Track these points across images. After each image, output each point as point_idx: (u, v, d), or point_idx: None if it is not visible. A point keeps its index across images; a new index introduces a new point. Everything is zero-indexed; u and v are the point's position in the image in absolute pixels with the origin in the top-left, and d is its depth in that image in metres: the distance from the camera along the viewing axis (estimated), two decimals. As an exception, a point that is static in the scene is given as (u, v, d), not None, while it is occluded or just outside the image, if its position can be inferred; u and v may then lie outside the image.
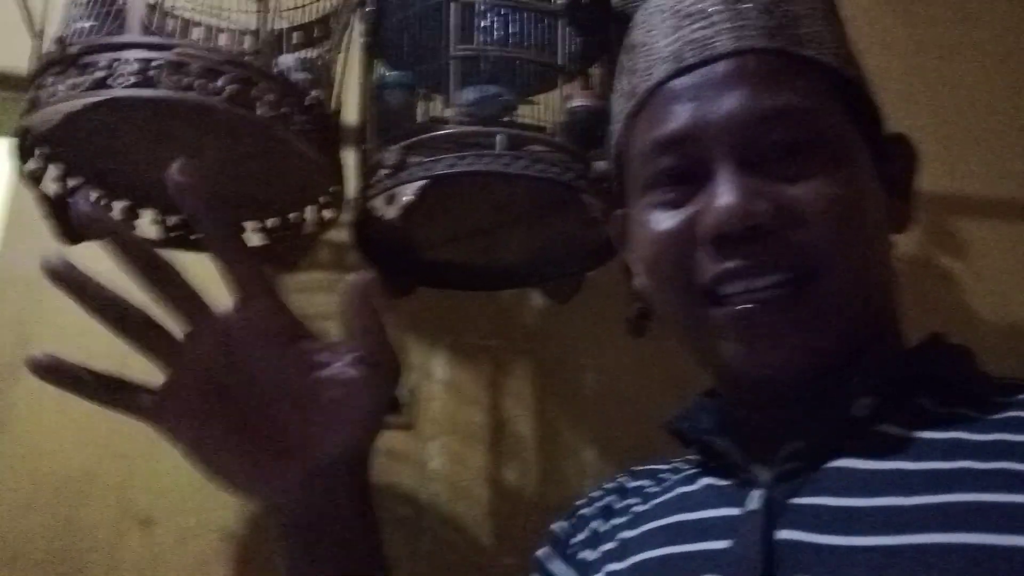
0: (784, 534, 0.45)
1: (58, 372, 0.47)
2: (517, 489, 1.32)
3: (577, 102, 1.07)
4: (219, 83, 0.87)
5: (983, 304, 1.45)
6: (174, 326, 0.48)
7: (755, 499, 0.48)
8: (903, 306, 0.55)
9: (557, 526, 0.65)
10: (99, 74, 0.85)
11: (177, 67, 0.86)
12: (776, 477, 0.48)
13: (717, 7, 0.52)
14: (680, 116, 0.51)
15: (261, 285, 0.48)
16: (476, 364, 1.36)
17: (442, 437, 1.31)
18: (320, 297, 1.36)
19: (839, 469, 0.46)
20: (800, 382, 0.49)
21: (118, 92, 0.84)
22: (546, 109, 1.09)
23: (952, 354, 0.51)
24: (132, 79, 0.84)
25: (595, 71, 1.14)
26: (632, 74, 0.56)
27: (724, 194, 0.48)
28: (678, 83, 0.52)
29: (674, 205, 0.51)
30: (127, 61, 0.85)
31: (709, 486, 0.54)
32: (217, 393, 0.47)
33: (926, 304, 1.39)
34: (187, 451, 0.50)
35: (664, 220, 0.52)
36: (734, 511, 0.49)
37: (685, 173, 0.51)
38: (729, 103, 0.49)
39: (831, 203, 0.48)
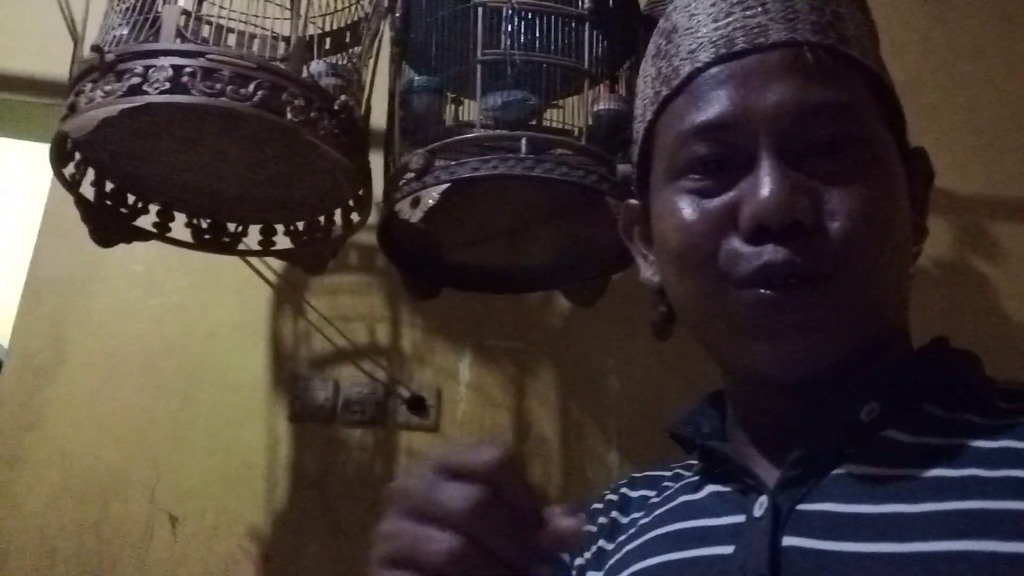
0: (790, 541, 0.44)
1: None
2: (541, 486, 1.32)
3: (602, 105, 1.07)
4: (249, 88, 0.89)
5: (1016, 307, 1.43)
6: None
7: (760, 505, 0.47)
8: (935, 308, 0.54)
9: None
10: (134, 80, 0.87)
11: (209, 73, 0.88)
12: (781, 483, 0.47)
13: None
14: (726, 101, 0.49)
15: None
16: (500, 366, 1.37)
17: (466, 439, 1.32)
18: (347, 299, 1.38)
19: (845, 475, 0.46)
20: (820, 380, 0.48)
21: (152, 98, 0.86)
22: (572, 113, 1.09)
23: (957, 360, 0.51)
24: (166, 85, 0.86)
25: (622, 74, 1.15)
26: (670, 57, 0.53)
27: (769, 185, 0.47)
28: (726, 68, 0.50)
29: (707, 194, 0.50)
30: (161, 68, 0.87)
31: (712, 493, 0.53)
32: None
33: (958, 306, 1.38)
34: None
35: (696, 207, 0.50)
36: (739, 518, 0.48)
37: (723, 161, 0.50)
38: (779, 92, 0.48)
39: (867, 206, 0.47)
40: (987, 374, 0.50)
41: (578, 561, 0.59)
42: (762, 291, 0.47)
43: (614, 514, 0.60)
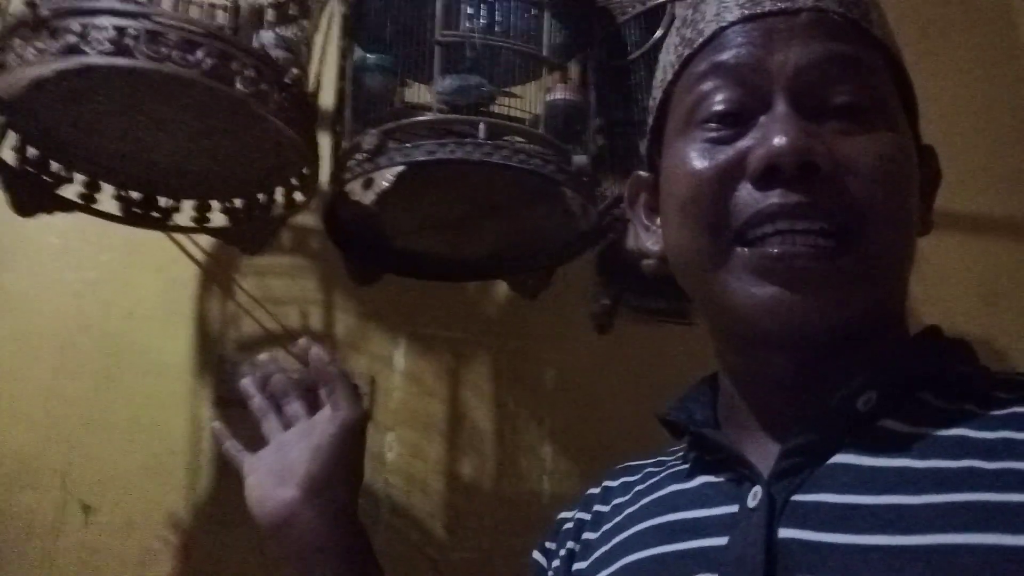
0: (786, 532, 0.43)
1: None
2: (474, 483, 1.31)
3: (557, 95, 1.06)
4: (198, 55, 0.84)
5: (933, 314, 1.49)
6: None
7: (755, 496, 0.46)
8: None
9: (539, 553, 0.62)
10: (71, 39, 0.81)
11: (154, 36, 0.83)
12: (776, 473, 0.46)
13: None
14: (746, 49, 0.49)
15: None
16: (437, 355, 1.35)
17: (400, 428, 1.29)
18: (278, 281, 1.33)
19: (841, 465, 0.45)
20: (822, 344, 0.47)
21: (92, 59, 0.80)
22: (525, 102, 1.08)
23: (952, 349, 0.51)
24: (107, 46, 0.81)
25: (574, 66, 1.14)
26: (695, 23, 0.53)
27: (782, 128, 0.46)
28: (751, 24, 0.50)
29: (720, 142, 0.49)
30: (102, 27, 0.81)
31: (704, 483, 0.52)
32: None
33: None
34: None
35: (707, 156, 0.49)
36: (732, 508, 0.47)
37: (739, 111, 0.49)
38: (802, 46, 0.48)
39: (884, 161, 0.47)
40: (982, 363, 0.50)
41: (555, 562, 0.58)
42: (770, 250, 0.46)
43: (596, 507, 0.59)
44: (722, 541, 0.46)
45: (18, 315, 1.21)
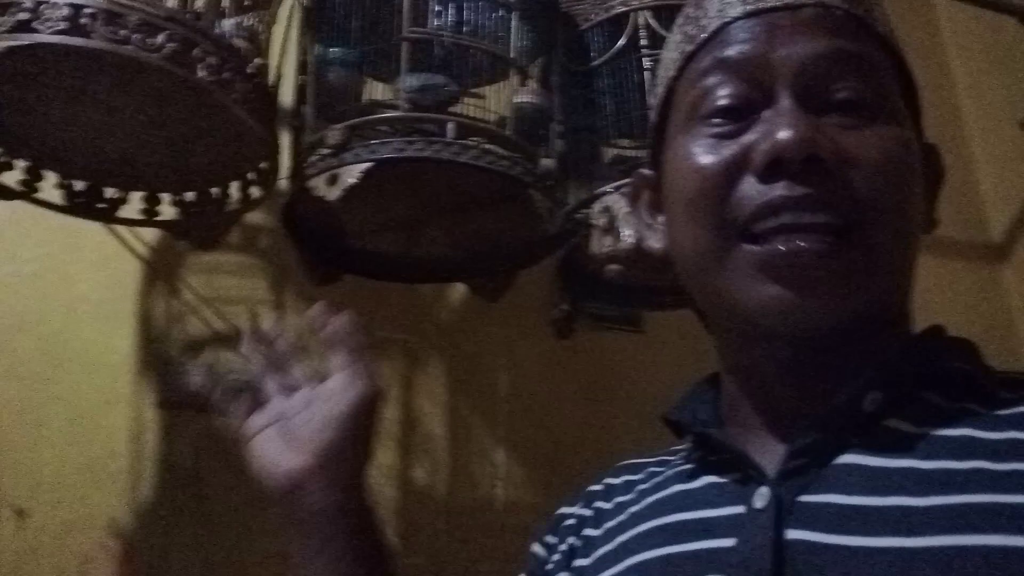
0: (794, 534, 0.42)
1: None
2: (426, 488, 1.29)
3: (523, 98, 1.06)
4: (159, 39, 0.81)
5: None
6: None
7: (761, 497, 0.45)
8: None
9: (538, 546, 0.60)
10: (22, 16, 0.77)
11: (113, 17, 0.79)
12: (782, 473, 0.45)
13: None
14: (750, 44, 0.49)
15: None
16: (389, 358, 1.32)
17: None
18: (226, 280, 1.29)
19: (848, 466, 0.44)
20: (827, 340, 0.46)
21: (44, 37, 0.76)
22: (491, 103, 1.07)
23: (957, 348, 0.50)
24: (61, 24, 0.77)
25: (534, 69, 1.14)
26: (698, 19, 0.53)
27: (787, 122, 0.46)
28: (755, 19, 0.50)
29: (724, 137, 0.49)
30: (56, 4, 0.77)
31: (709, 483, 0.50)
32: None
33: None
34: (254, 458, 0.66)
35: (711, 151, 0.49)
36: (739, 509, 0.46)
37: (742, 106, 0.49)
38: (803, 41, 0.48)
39: (888, 155, 0.47)
40: (986, 363, 0.50)
41: (555, 556, 0.57)
42: (775, 247, 0.46)
43: (598, 503, 0.58)
44: (730, 542, 0.45)
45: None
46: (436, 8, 0.98)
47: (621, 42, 1.13)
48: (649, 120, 0.59)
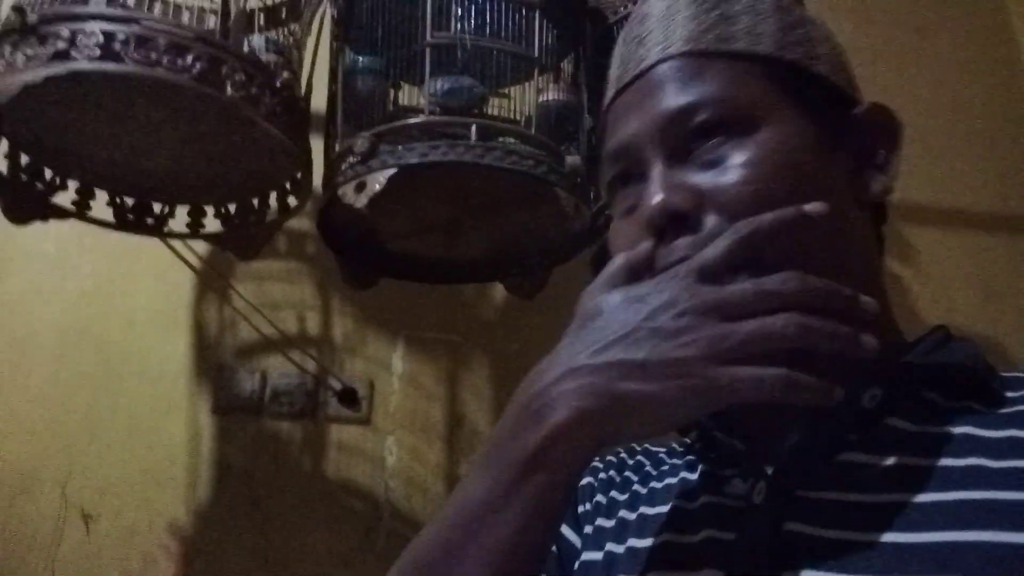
0: (792, 526, 0.43)
1: None
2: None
3: (549, 95, 1.06)
4: (187, 60, 0.84)
5: (929, 309, 1.49)
6: None
7: (760, 492, 0.46)
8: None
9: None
10: (60, 45, 0.81)
11: (143, 41, 0.83)
12: (781, 469, 0.46)
13: (652, 27, 0.55)
14: (620, 129, 0.54)
15: None
16: (435, 358, 1.35)
17: (399, 432, 1.29)
18: (275, 287, 1.33)
19: (847, 463, 0.45)
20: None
21: (81, 65, 0.80)
22: (517, 103, 1.08)
23: (959, 347, 0.50)
24: (96, 52, 0.81)
25: (565, 67, 1.14)
26: (604, 94, 0.60)
27: (650, 193, 0.50)
28: (619, 101, 0.55)
29: (627, 212, 0.54)
30: (90, 33, 0.82)
31: (711, 475, 0.52)
32: None
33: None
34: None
35: (621, 229, 0.54)
36: (739, 503, 0.47)
37: (633, 180, 0.54)
38: (652, 108, 0.52)
39: (755, 166, 0.49)
40: (988, 363, 0.49)
41: (581, 509, 0.58)
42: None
43: (611, 472, 0.60)
44: (729, 535, 0.46)
45: (15, 324, 1.21)
46: (458, 12, 0.99)
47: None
48: None
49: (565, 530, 0.58)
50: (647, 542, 0.50)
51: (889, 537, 0.40)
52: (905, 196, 1.55)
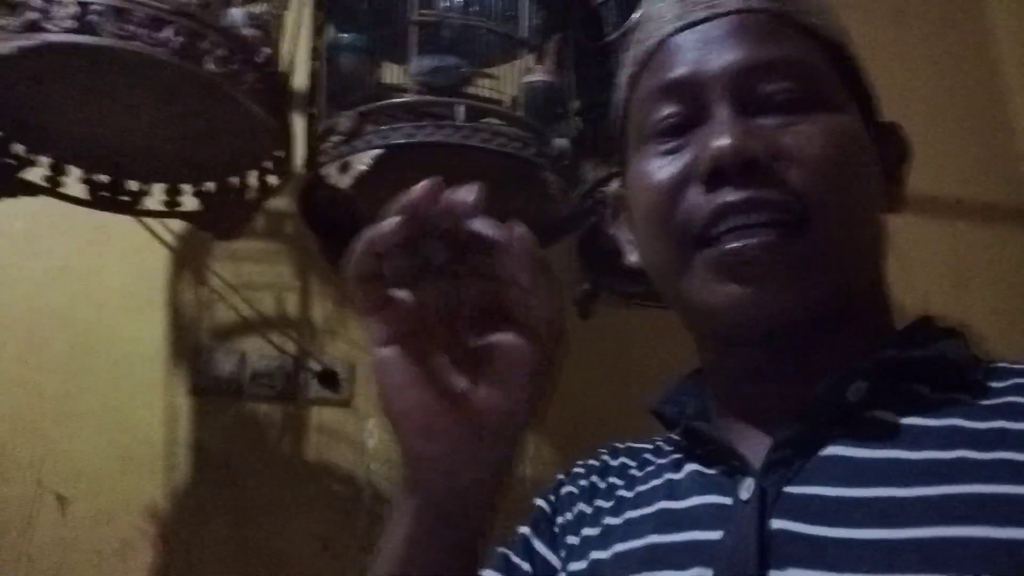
0: (778, 524, 0.43)
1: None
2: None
3: (535, 77, 1.05)
4: (166, 33, 0.81)
5: (903, 294, 1.50)
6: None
7: (747, 488, 0.45)
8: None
9: (542, 501, 0.60)
10: (32, 15, 0.78)
11: (120, 13, 0.80)
12: (767, 465, 0.46)
13: None
14: (683, 63, 0.52)
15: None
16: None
17: (381, 415, 1.28)
18: (253, 267, 1.31)
19: (833, 457, 0.44)
20: (792, 333, 0.47)
21: (54, 37, 0.78)
22: (502, 83, 1.06)
23: (944, 338, 0.50)
24: (69, 23, 0.78)
25: (550, 48, 1.13)
26: (641, 42, 0.56)
27: (720, 132, 0.48)
28: (682, 37, 0.53)
29: (671, 153, 0.51)
30: (64, 3, 0.79)
31: (696, 473, 0.51)
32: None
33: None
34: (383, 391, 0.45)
35: (662, 167, 0.51)
36: (725, 500, 0.47)
37: (685, 122, 0.51)
38: (731, 52, 0.51)
39: (825, 146, 0.48)
40: (975, 352, 0.49)
41: (559, 520, 0.57)
42: (725, 247, 0.47)
43: (594, 478, 0.58)
44: (716, 535, 0.46)
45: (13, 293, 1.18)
46: (444, -11, 0.97)
47: (636, 15, 1.11)
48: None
49: (539, 546, 0.57)
50: (633, 544, 0.50)
51: (876, 534, 0.40)
52: (882, 182, 1.56)
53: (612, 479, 0.57)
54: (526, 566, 0.56)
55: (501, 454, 0.45)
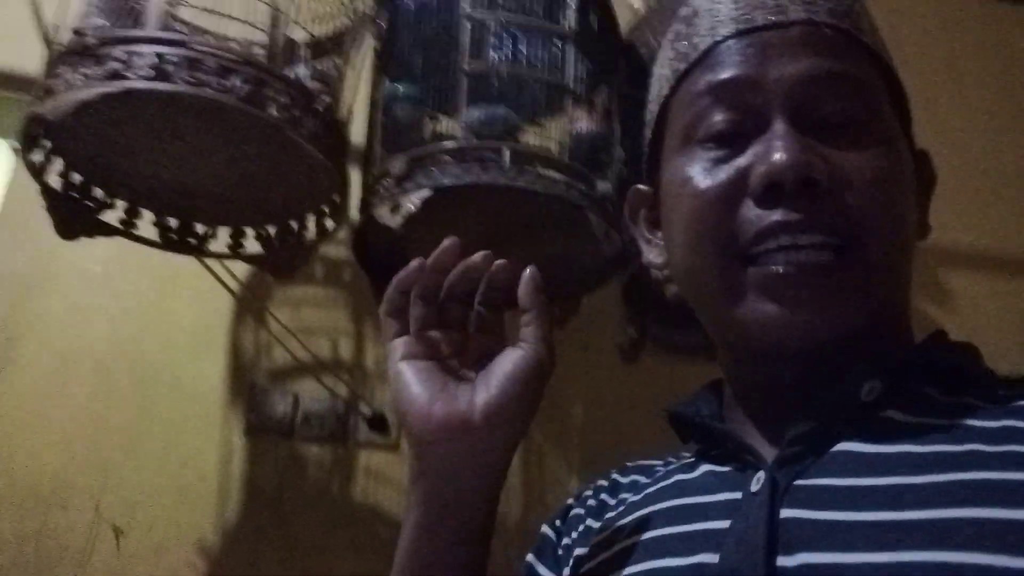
0: (788, 512, 0.43)
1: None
2: (500, 515, 1.29)
3: (582, 125, 1.08)
4: (233, 81, 0.88)
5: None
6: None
7: (758, 481, 0.46)
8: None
9: (547, 528, 0.61)
10: (114, 65, 0.85)
11: (193, 63, 0.87)
12: (779, 460, 0.46)
13: None
14: (744, 65, 0.50)
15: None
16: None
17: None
18: (310, 312, 1.35)
19: (844, 452, 0.45)
20: (825, 351, 0.47)
21: (133, 84, 0.84)
22: (550, 133, 1.10)
23: (958, 349, 0.51)
24: (148, 72, 0.85)
25: (598, 98, 1.17)
26: (689, 36, 0.54)
27: (781, 146, 0.47)
28: (745, 39, 0.51)
29: (720, 160, 0.50)
30: (143, 54, 0.86)
31: (708, 472, 0.52)
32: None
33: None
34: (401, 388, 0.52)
35: (709, 174, 0.49)
36: (735, 495, 0.47)
37: (737, 130, 0.50)
38: (794, 63, 0.49)
39: (880, 175, 0.48)
40: (986, 365, 0.50)
41: (565, 541, 0.58)
42: (774, 268, 0.46)
43: (603, 496, 0.59)
44: (725, 524, 0.46)
45: (57, 341, 1.25)
46: (493, 42, 1.02)
47: (684, 10, 1.15)
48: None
49: (541, 569, 0.58)
50: (643, 536, 0.50)
51: (883, 515, 0.40)
52: (940, 238, 1.53)
53: (623, 495, 0.58)
54: None
55: (499, 452, 0.51)
